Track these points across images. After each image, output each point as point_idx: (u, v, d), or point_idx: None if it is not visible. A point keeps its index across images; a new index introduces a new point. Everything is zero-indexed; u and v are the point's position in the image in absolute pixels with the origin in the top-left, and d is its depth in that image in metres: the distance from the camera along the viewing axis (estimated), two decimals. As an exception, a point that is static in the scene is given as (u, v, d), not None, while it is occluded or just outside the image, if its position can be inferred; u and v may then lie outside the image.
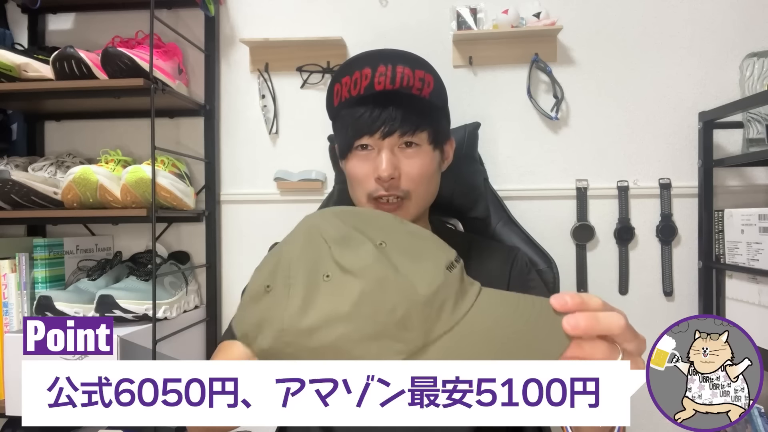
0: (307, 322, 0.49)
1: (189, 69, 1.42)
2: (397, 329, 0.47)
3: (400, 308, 0.47)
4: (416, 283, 0.48)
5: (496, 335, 0.49)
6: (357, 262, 0.50)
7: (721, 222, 1.23)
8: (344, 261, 0.50)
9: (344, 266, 0.50)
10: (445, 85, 0.92)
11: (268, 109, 1.40)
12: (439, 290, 0.49)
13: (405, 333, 0.48)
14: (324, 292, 0.50)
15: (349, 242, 0.52)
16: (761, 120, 1.17)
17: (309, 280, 0.51)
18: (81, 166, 1.17)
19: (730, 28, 1.29)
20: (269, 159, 1.41)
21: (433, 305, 0.48)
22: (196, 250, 1.44)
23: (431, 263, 0.51)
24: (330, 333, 0.48)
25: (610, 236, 1.33)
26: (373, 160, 0.84)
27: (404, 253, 0.51)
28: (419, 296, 0.48)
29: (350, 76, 0.84)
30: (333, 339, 0.49)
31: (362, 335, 0.48)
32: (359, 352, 0.49)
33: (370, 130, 0.83)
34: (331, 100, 0.90)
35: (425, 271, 0.50)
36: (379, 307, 0.48)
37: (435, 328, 0.48)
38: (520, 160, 1.35)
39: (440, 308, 0.49)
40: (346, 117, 0.86)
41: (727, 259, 1.21)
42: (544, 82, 1.34)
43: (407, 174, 0.84)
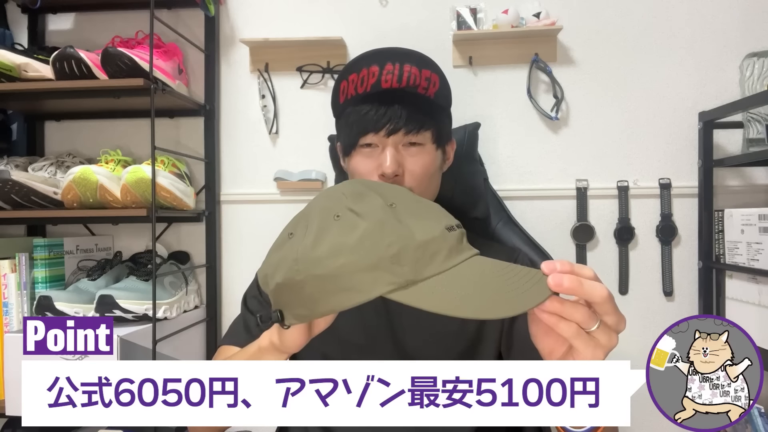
0: (317, 252, 0.55)
1: (189, 69, 1.42)
2: (391, 263, 0.53)
3: (395, 246, 0.53)
4: (414, 231, 0.55)
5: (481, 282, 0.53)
6: (365, 208, 0.57)
7: (721, 222, 1.23)
8: (355, 207, 0.57)
9: (354, 210, 0.56)
10: (450, 86, 0.92)
11: (268, 109, 1.40)
12: (434, 240, 0.55)
13: (397, 267, 0.53)
14: (334, 229, 0.56)
15: (363, 196, 0.59)
16: (761, 120, 1.17)
17: (322, 221, 0.57)
18: (81, 166, 1.17)
19: (730, 28, 1.29)
20: (269, 159, 1.41)
21: (426, 250, 0.54)
22: (196, 250, 1.44)
23: (432, 222, 0.57)
24: (335, 261, 0.54)
25: (610, 236, 1.33)
26: (377, 158, 0.85)
27: (410, 213, 0.57)
28: (414, 240, 0.54)
29: (357, 73, 0.85)
30: (337, 267, 0.53)
31: (361, 265, 0.53)
32: (357, 279, 0.53)
33: (376, 128, 0.83)
34: (336, 98, 0.90)
35: (425, 225, 0.56)
36: (378, 242, 0.53)
37: (425, 269, 0.53)
38: (520, 160, 1.35)
39: (433, 255, 0.54)
40: (351, 114, 0.86)
41: (727, 259, 1.21)
42: (544, 82, 1.34)
43: (411, 172, 0.84)
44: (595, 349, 0.52)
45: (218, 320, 1.41)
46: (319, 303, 0.56)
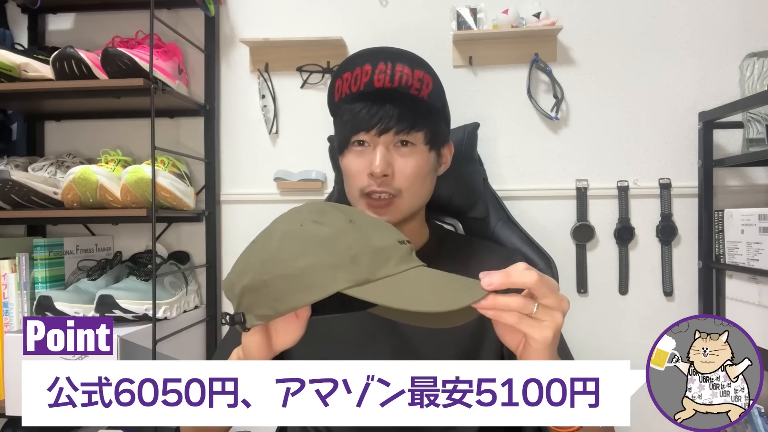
0: (282, 253, 0.60)
1: (189, 69, 1.42)
2: (350, 263, 0.58)
3: (354, 249, 0.59)
4: (370, 238, 0.61)
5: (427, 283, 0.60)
6: (328, 219, 0.62)
7: (721, 222, 1.23)
8: (319, 218, 0.63)
9: (318, 221, 0.62)
10: (443, 88, 0.92)
11: (268, 109, 1.40)
12: (387, 248, 0.61)
13: (354, 267, 0.58)
14: (298, 235, 0.61)
15: (325, 212, 0.64)
16: (761, 120, 1.17)
17: (288, 228, 0.63)
18: (81, 166, 1.17)
19: (730, 28, 1.29)
20: (269, 159, 1.41)
21: (380, 255, 0.60)
22: (196, 250, 1.44)
23: (386, 234, 0.64)
24: (300, 262, 0.59)
25: (610, 236, 1.33)
26: (368, 156, 0.85)
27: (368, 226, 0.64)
28: (370, 246, 0.60)
29: (351, 71, 0.86)
30: (301, 267, 0.58)
31: (323, 264, 0.58)
32: (318, 277, 0.58)
33: (367, 126, 0.84)
34: (332, 96, 0.91)
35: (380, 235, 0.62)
36: (339, 245, 0.59)
37: (379, 271, 0.59)
38: (520, 160, 1.35)
39: (386, 260, 0.60)
40: (345, 112, 0.87)
41: (727, 259, 1.21)
42: (544, 82, 1.34)
43: (401, 172, 0.84)
44: (541, 330, 0.56)
45: (218, 320, 1.41)
46: (282, 301, 0.59)
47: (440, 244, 0.98)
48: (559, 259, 1.21)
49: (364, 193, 0.85)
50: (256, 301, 0.60)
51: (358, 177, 0.85)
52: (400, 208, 0.86)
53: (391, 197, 0.84)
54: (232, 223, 1.43)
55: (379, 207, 0.85)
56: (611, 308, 1.33)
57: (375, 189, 0.84)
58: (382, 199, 0.84)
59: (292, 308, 0.59)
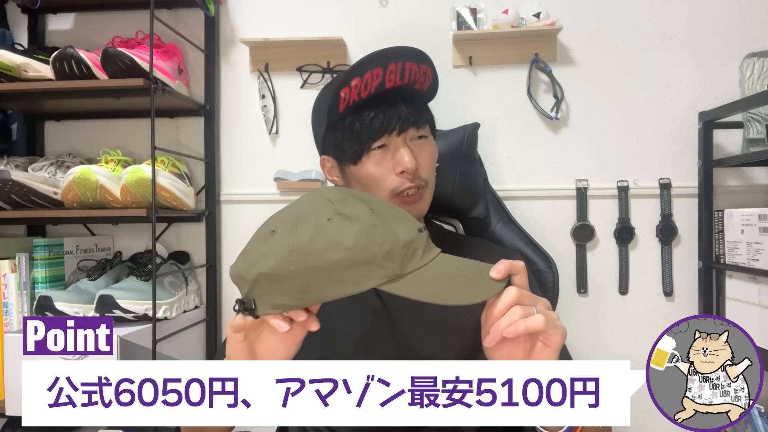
0: (314, 247, 0.59)
1: (189, 69, 1.42)
2: (384, 259, 0.59)
3: (387, 245, 0.60)
4: (398, 232, 0.62)
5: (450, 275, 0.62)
6: (354, 212, 0.62)
7: (721, 222, 1.22)
8: (345, 211, 0.62)
9: (345, 214, 0.62)
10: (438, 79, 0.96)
11: (268, 109, 1.40)
12: (413, 240, 0.63)
13: (388, 263, 0.60)
14: (329, 229, 0.61)
15: (347, 202, 0.64)
16: (761, 120, 1.17)
17: (316, 221, 0.62)
18: (81, 166, 1.17)
19: (730, 28, 1.29)
20: (269, 159, 1.41)
21: (409, 249, 0.62)
22: (196, 250, 1.44)
23: (408, 224, 0.65)
24: (333, 255, 0.58)
25: (610, 236, 1.33)
26: (390, 158, 0.86)
27: (389, 217, 0.64)
28: (400, 240, 0.61)
29: (361, 77, 0.85)
30: (334, 260, 0.58)
31: (357, 260, 0.59)
32: (353, 272, 0.58)
33: (388, 130, 0.85)
34: (335, 107, 0.88)
35: (404, 227, 0.63)
36: (372, 241, 0.60)
37: (409, 264, 0.61)
38: (520, 160, 1.35)
39: (413, 252, 0.62)
40: (354, 122, 0.86)
41: (727, 259, 1.21)
42: (544, 82, 1.34)
43: (423, 164, 0.88)
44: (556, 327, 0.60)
45: (218, 320, 1.41)
46: (310, 292, 0.59)
47: (440, 244, 0.98)
48: (559, 259, 1.21)
49: (396, 193, 0.87)
50: (276, 289, 0.60)
51: (385, 179, 0.86)
52: (427, 198, 0.90)
53: (421, 190, 0.88)
54: (232, 223, 1.43)
55: (411, 202, 0.88)
56: (611, 308, 1.33)
57: (408, 185, 0.86)
58: (413, 194, 0.87)
59: (322, 300, 0.60)
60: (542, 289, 1.12)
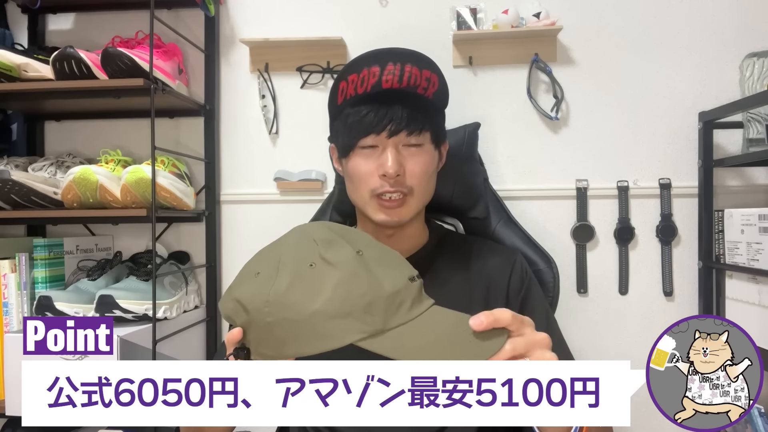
0: (291, 297, 0.57)
1: (189, 69, 1.42)
2: (363, 312, 0.56)
3: (368, 296, 0.56)
4: (383, 282, 0.58)
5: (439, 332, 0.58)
6: (338, 257, 0.59)
7: (721, 222, 1.22)
8: (328, 256, 0.59)
9: (327, 260, 0.59)
10: (448, 87, 0.92)
11: (268, 109, 1.40)
12: (400, 292, 0.59)
13: (368, 317, 0.56)
14: (308, 276, 0.58)
15: (333, 244, 0.61)
16: (761, 120, 1.17)
17: (297, 267, 0.59)
18: (81, 166, 1.17)
19: (730, 28, 1.29)
20: (269, 159, 1.41)
21: (394, 301, 0.58)
22: (196, 250, 1.44)
23: (397, 272, 0.61)
24: (309, 307, 0.56)
25: (610, 236, 1.33)
26: (377, 158, 0.85)
27: (377, 261, 0.61)
28: (384, 291, 0.57)
29: (358, 73, 0.85)
30: (310, 313, 0.56)
31: (335, 313, 0.56)
32: (330, 326, 0.56)
33: (377, 129, 0.84)
34: (334, 98, 0.90)
35: (392, 275, 0.60)
36: (352, 292, 0.56)
37: (393, 319, 0.57)
38: (520, 160, 1.35)
39: (399, 306, 0.58)
40: (350, 115, 0.86)
41: (727, 259, 1.21)
42: (544, 82, 1.34)
43: (411, 171, 0.85)
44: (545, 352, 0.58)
45: (218, 320, 1.41)
46: (287, 345, 0.57)
47: (440, 244, 0.98)
48: (559, 259, 1.21)
49: (375, 194, 0.85)
50: (260, 338, 0.59)
51: (368, 179, 0.86)
52: (412, 206, 0.87)
53: (403, 196, 0.86)
54: (232, 223, 1.43)
55: (391, 207, 0.86)
56: (611, 308, 1.33)
57: (388, 189, 0.85)
58: (395, 199, 0.85)
59: (298, 355, 0.57)
60: (542, 290, 1.12)
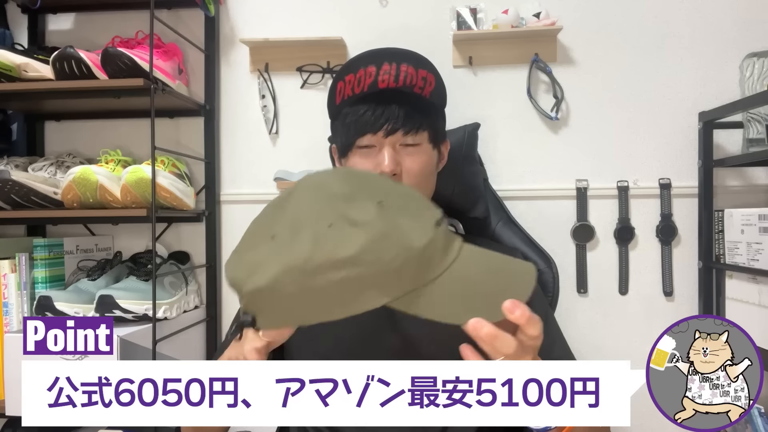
0: (314, 262, 0.53)
1: (189, 69, 1.42)
2: (395, 276, 0.53)
3: (399, 259, 0.53)
4: (412, 238, 0.55)
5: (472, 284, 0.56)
6: (362, 216, 0.55)
7: (721, 222, 1.22)
8: (350, 214, 0.55)
9: (351, 219, 0.55)
10: (445, 86, 0.92)
11: (268, 109, 1.40)
12: (430, 244, 0.55)
13: (399, 280, 0.54)
14: (330, 239, 0.54)
15: (353, 199, 0.57)
16: (761, 120, 1.17)
17: (317, 228, 0.55)
18: (81, 166, 1.17)
19: (730, 28, 1.29)
20: (269, 159, 1.41)
21: (423, 257, 0.55)
22: (196, 250, 1.44)
23: (423, 221, 0.57)
24: (335, 274, 0.53)
25: (610, 236, 1.33)
26: (374, 157, 0.85)
27: (400, 210, 0.57)
28: (414, 249, 0.54)
29: (354, 73, 0.85)
30: (337, 280, 0.53)
31: (363, 279, 0.53)
32: (357, 292, 0.53)
33: (373, 129, 0.84)
34: (333, 98, 0.91)
35: (418, 228, 0.56)
36: (381, 256, 0.53)
37: (425, 276, 0.55)
38: (520, 160, 1.35)
39: (429, 260, 0.55)
40: (348, 115, 0.87)
41: (727, 259, 1.21)
42: (544, 82, 1.34)
43: (408, 170, 0.85)
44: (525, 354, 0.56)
45: (218, 320, 1.41)
46: (310, 312, 0.55)
47: None
48: (559, 259, 1.21)
49: None
50: (274, 307, 0.56)
51: None
52: None
53: None
54: (232, 223, 1.43)
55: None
56: (611, 308, 1.33)
57: None
58: None
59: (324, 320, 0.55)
60: (542, 290, 1.12)
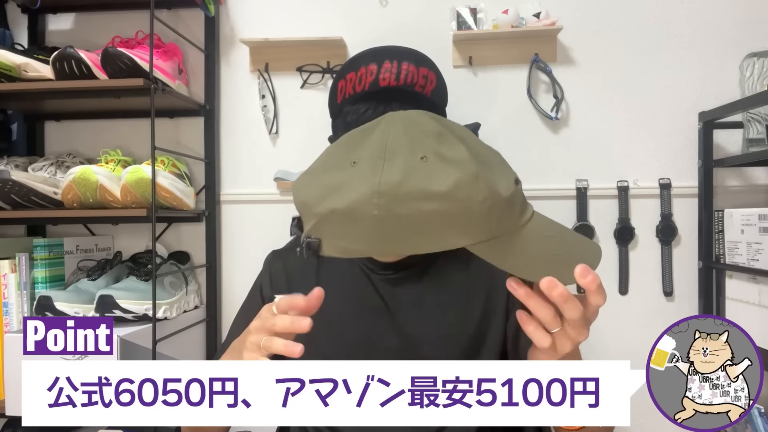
0: (404, 190, 0.53)
1: (189, 69, 1.42)
2: (482, 217, 0.53)
3: (489, 201, 0.53)
4: (499, 186, 0.55)
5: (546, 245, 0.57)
6: (455, 155, 0.55)
7: (721, 222, 1.22)
8: (443, 151, 0.55)
9: (443, 155, 0.55)
10: (446, 85, 0.92)
11: (268, 109, 1.40)
12: (513, 196, 0.56)
13: (485, 222, 0.53)
14: (422, 171, 0.54)
15: (445, 138, 0.57)
16: (761, 120, 1.17)
17: (408, 158, 0.55)
18: (81, 166, 1.17)
19: (730, 28, 1.29)
20: (269, 159, 1.41)
21: (507, 207, 0.56)
22: (196, 250, 1.44)
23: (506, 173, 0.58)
24: (425, 205, 0.52)
25: (610, 236, 1.33)
26: None
27: (485, 161, 0.57)
28: (501, 196, 0.55)
29: (355, 71, 0.86)
30: (427, 211, 0.52)
31: (452, 215, 0.52)
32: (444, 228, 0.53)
33: None
34: (334, 97, 0.91)
35: (503, 179, 0.57)
36: (472, 195, 0.53)
37: (506, 225, 0.55)
38: (520, 160, 1.35)
39: (511, 211, 0.56)
40: (349, 114, 0.87)
41: (727, 259, 1.21)
42: (544, 82, 1.34)
43: None
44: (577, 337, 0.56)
45: (218, 320, 1.41)
46: (390, 242, 0.54)
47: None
48: (559, 259, 1.21)
49: None
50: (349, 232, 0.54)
51: None
52: None
53: None
54: (232, 223, 1.43)
55: None
56: (611, 308, 1.33)
57: None
58: None
59: (400, 253, 0.54)
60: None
